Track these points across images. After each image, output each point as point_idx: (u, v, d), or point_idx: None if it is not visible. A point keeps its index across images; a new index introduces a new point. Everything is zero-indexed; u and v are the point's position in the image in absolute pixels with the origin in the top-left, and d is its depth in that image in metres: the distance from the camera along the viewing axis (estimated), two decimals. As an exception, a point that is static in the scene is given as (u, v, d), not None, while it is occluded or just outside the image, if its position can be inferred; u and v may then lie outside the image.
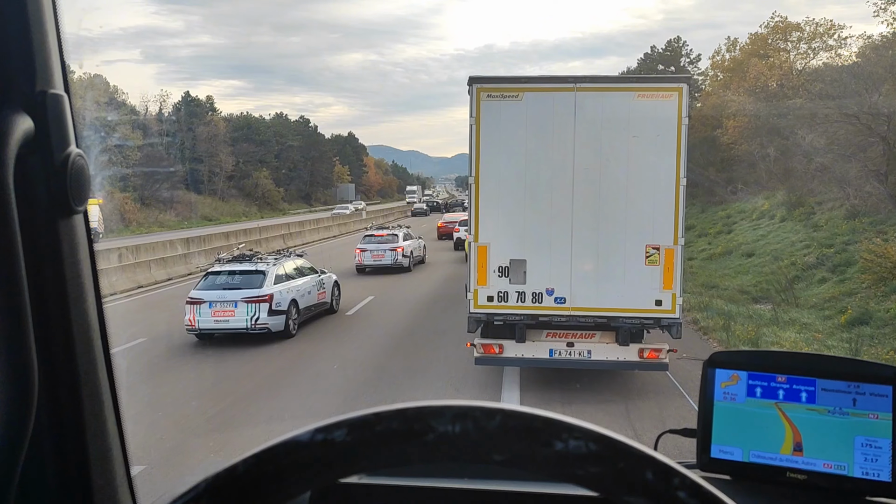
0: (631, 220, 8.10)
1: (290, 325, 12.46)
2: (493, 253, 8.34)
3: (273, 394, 9.38)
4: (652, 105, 7.96)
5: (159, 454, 6.92)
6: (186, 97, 71.13)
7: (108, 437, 0.91)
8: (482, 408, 0.52)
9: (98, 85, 47.85)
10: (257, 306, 11.88)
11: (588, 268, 8.24)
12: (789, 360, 1.26)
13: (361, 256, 21.40)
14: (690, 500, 0.50)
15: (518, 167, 8.18)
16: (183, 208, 48.56)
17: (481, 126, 8.18)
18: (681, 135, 7.96)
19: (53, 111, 0.79)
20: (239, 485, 0.53)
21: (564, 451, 0.51)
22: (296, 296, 12.81)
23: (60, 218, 0.81)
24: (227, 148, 67.75)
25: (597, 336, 8.57)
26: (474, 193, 8.30)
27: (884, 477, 1.18)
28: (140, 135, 48.50)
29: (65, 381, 0.84)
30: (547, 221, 8.19)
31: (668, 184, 8.06)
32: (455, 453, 0.52)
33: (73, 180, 0.80)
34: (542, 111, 8.08)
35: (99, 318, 0.90)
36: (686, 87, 8.04)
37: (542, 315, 8.32)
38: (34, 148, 0.76)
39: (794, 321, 13.33)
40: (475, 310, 8.45)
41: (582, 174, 8.12)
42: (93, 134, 32.16)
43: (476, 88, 8.16)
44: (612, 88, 8.12)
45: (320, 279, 14.29)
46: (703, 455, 1.28)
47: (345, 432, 0.52)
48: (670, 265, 8.18)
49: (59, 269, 0.82)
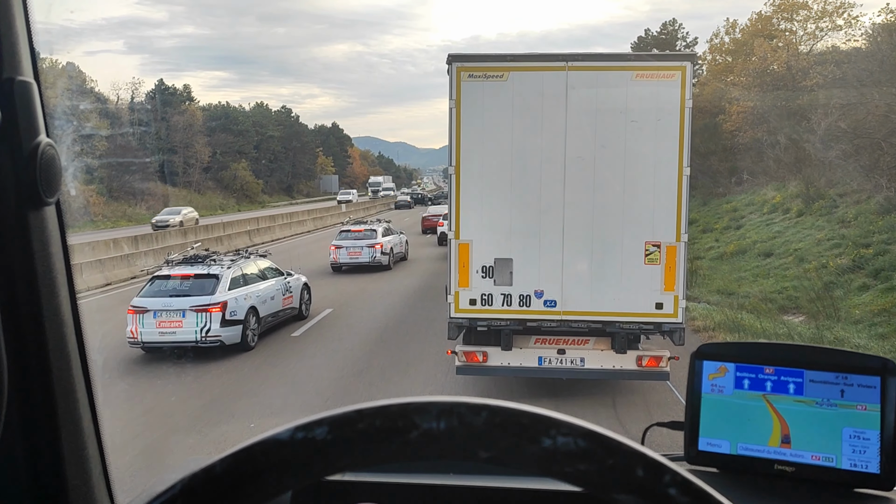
0: (629, 214, 7.75)
1: (247, 337, 11.58)
2: (476, 251, 7.96)
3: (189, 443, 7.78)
4: (652, 86, 7.57)
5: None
6: (160, 85, 71.32)
7: (84, 435, 0.93)
8: (468, 404, 0.53)
9: (68, 73, 47.04)
10: (208, 315, 10.95)
11: (581, 267, 7.88)
12: (777, 352, 1.29)
13: (336, 254, 20.72)
14: (681, 497, 0.51)
15: (503, 155, 7.79)
16: (155, 201, 47.96)
17: (462, 110, 7.77)
18: (684, 119, 7.60)
19: (22, 99, 0.80)
20: (217, 485, 0.53)
21: (552, 447, 0.52)
22: (255, 302, 11.98)
23: (30, 210, 0.83)
24: (203, 138, 67.93)
25: (591, 342, 8.24)
26: (454, 185, 7.93)
27: (872, 468, 1.21)
28: (108, 124, 47.76)
29: (37, 378, 0.86)
30: (535, 216, 7.82)
31: (669, 174, 7.68)
32: (440, 451, 0.53)
33: (43, 171, 0.81)
34: (529, 93, 7.68)
35: (73, 314, 0.92)
36: (690, 66, 7.64)
37: (531, 320, 7.97)
38: (1, 137, 0.78)
39: (843, 341, 11.40)
40: (456, 314, 8.08)
41: (574, 163, 7.74)
42: (58, 123, 31.42)
43: (456, 68, 7.71)
44: (608, 67, 7.72)
45: (286, 282, 13.49)
46: (690, 448, 1.31)
47: (326, 430, 0.53)
48: (672, 264, 7.84)
49: (29, 264, 0.83)
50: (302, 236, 35.61)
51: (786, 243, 19.55)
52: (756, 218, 23.68)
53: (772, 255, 19.13)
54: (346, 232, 21.24)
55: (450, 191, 8.00)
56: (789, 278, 16.61)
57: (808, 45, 30.72)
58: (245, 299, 11.70)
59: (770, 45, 29.25)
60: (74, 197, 33.48)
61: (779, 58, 28.67)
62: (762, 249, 19.84)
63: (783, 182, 24.35)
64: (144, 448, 7.60)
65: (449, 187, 8.03)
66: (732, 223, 24.51)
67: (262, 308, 12.19)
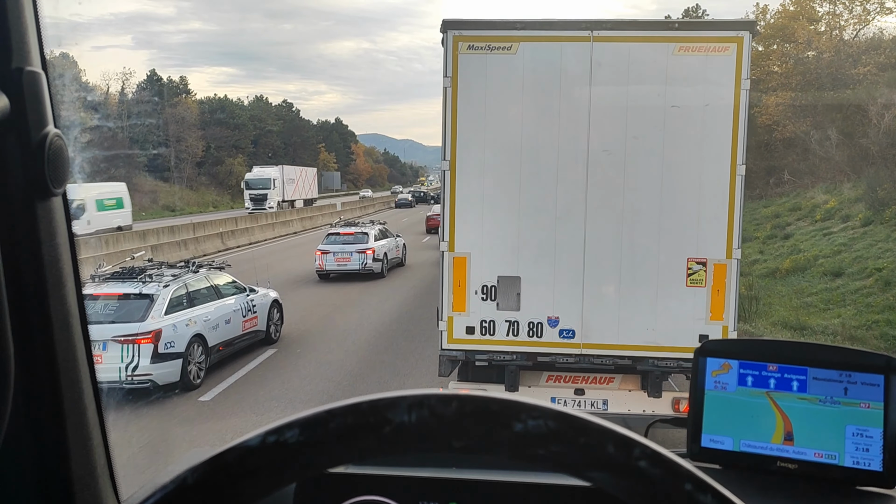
0: (667, 223, 6.78)
1: (190, 373, 10.03)
2: (476, 267, 6.96)
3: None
4: (699, 62, 6.56)
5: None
6: (152, 76, 72.05)
7: (89, 426, 0.97)
8: (437, 395, 0.56)
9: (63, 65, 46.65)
10: (136, 348, 9.36)
11: (607, 289, 6.90)
12: (781, 349, 1.35)
13: (323, 259, 19.64)
14: (652, 469, 0.55)
15: (510, 148, 6.78)
16: (142, 197, 47.29)
17: (459, 90, 6.75)
18: (739, 103, 6.58)
19: (30, 89, 0.82)
20: (189, 496, 0.55)
21: (524, 431, 0.55)
22: (203, 328, 10.41)
23: (38, 201, 0.86)
24: (197, 132, 68.52)
25: (616, 381, 7.25)
26: (449, 185, 6.94)
27: (874, 466, 1.27)
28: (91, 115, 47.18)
29: (43, 369, 0.90)
30: (550, 224, 6.82)
31: (719, 172, 6.72)
32: (413, 443, 0.56)
33: (51, 161, 0.84)
34: (544, 69, 6.65)
35: (79, 305, 0.96)
36: (748, 37, 6.68)
37: (543, 354, 6.98)
38: (10, 127, 0.80)
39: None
40: (449, 346, 7.07)
41: (600, 159, 6.70)
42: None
43: (452, 37, 6.65)
44: (644, 38, 6.67)
45: (248, 300, 11.92)
46: (693, 444, 1.38)
47: (297, 433, 0.55)
48: (721, 286, 6.86)
49: (36, 254, 0.87)
50: (289, 238, 34.45)
51: (858, 260, 17.21)
52: (807, 226, 21.83)
53: (842, 274, 16.79)
54: (335, 235, 20.21)
55: (443, 191, 6.96)
56: (876, 308, 14.20)
57: (854, 30, 29.33)
58: (188, 325, 10.15)
59: (812, 28, 27.91)
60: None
61: (823, 43, 27.27)
62: (828, 267, 17.42)
63: (834, 183, 22.67)
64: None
65: (442, 187, 6.97)
66: (777, 231, 22.62)
67: (211, 336, 10.65)
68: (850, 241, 18.56)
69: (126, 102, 62.76)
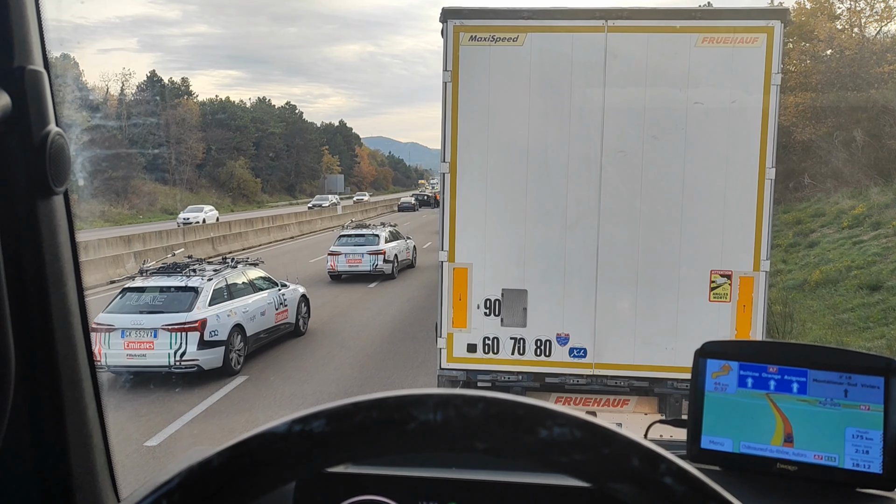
0: (689, 231, 6.46)
1: (231, 360, 11.06)
2: (478, 279, 6.65)
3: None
4: (725, 54, 6.20)
5: None
6: (152, 77, 73.33)
7: (89, 423, 0.99)
8: (464, 395, 0.56)
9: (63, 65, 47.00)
10: (184, 336, 10.40)
11: (622, 304, 6.60)
12: (781, 351, 1.37)
13: (334, 261, 20.28)
14: (677, 486, 0.55)
15: (516, 149, 6.46)
16: (139, 199, 47.32)
17: (460, 85, 6.43)
18: (769, 100, 6.22)
19: (32, 88, 0.83)
20: (214, 478, 0.56)
21: (549, 438, 0.55)
22: (242, 319, 11.46)
23: (39, 199, 0.87)
24: (197, 133, 69.63)
25: (631, 403, 6.94)
26: (449, 189, 6.65)
27: (874, 468, 1.28)
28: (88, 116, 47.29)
29: (43, 366, 0.91)
30: (559, 233, 6.53)
31: (746, 176, 6.37)
32: (437, 442, 0.56)
33: (52, 160, 0.85)
34: (554, 62, 6.33)
35: (79, 303, 0.98)
36: (780, 27, 6.33)
37: (551, 374, 6.70)
38: (12, 126, 0.81)
39: None
40: (449, 365, 6.75)
41: (614, 160, 6.39)
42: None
43: (453, 27, 6.33)
44: (663, 28, 6.32)
45: (280, 294, 12.99)
46: (693, 446, 1.39)
47: (323, 423, 0.56)
48: (748, 301, 6.50)
49: (38, 253, 0.88)
50: (299, 239, 34.93)
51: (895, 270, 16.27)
52: (833, 233, 20.90)
53: (881, 287, 15.67)
54: (346, 237, 20.73)
55: (442, 196, 6.65)
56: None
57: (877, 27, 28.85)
58: (229, 316, 11.18)
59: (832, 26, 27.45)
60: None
61: (844, 41, 26.82)
62: (864, 280, 16.26)
63: (860, 188, 21.93)
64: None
65: (441, 192, 6.67)
66: (800, 239, 21.73)
67: (249, 326, 11.67)
68: (884, 250, 17.63)
69: (126, 103, 63.24)
